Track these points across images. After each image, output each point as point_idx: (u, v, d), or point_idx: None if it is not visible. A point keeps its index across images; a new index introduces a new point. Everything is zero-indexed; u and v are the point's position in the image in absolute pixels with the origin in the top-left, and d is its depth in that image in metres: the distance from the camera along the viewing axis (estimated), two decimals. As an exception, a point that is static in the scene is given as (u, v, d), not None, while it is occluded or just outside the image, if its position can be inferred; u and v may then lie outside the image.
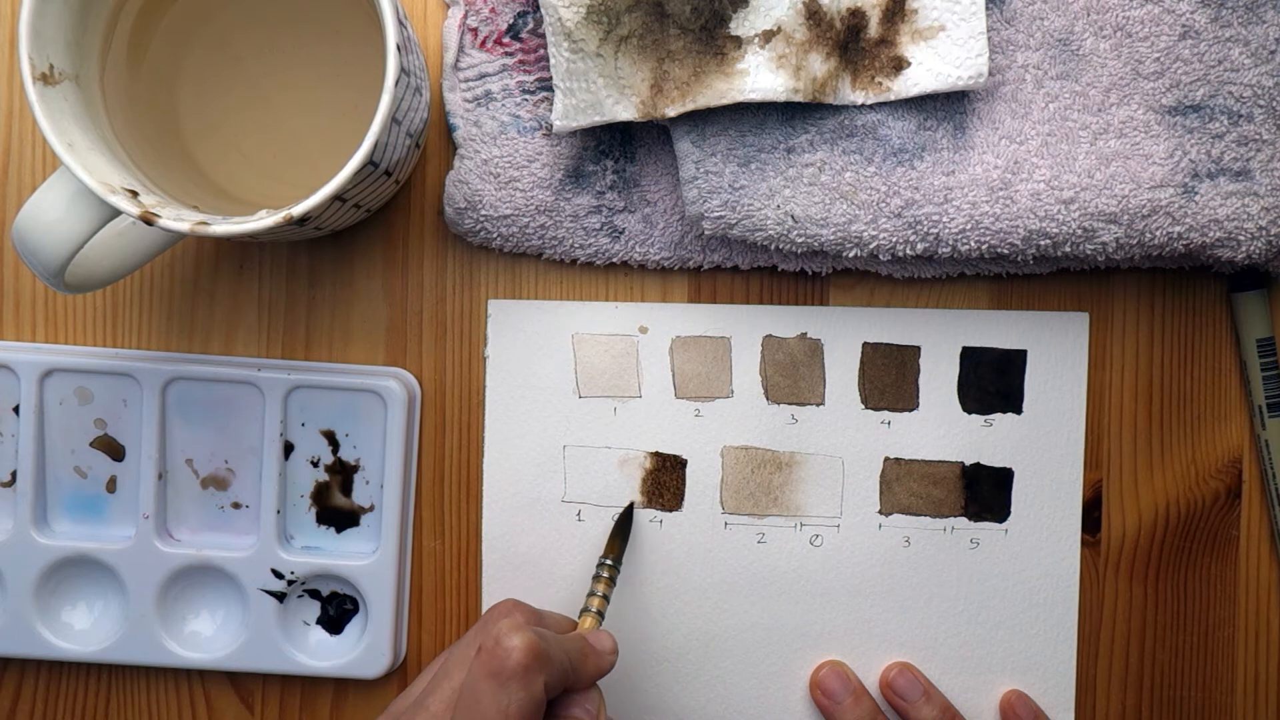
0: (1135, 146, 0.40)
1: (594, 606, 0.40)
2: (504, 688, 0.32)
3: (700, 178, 0.40)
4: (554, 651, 0.34)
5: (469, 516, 0.45)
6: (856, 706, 0.43)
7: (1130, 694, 0.45)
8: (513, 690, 0.32)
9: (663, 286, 0.45)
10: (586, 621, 0.40)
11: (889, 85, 0.40)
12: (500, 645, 0.33)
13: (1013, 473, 0.44)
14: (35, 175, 0.44)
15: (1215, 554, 0.44)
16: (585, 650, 0.37)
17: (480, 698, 0.32)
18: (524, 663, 0.32)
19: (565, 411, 0.44)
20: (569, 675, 0.35)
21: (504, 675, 0.32)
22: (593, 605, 0.40)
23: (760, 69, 0.38)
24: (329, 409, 0.44)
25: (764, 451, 0.44)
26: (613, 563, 0.42)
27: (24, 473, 0.43)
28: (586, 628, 0.39)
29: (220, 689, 0.45)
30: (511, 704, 0.32)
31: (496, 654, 0.33)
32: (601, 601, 0.40)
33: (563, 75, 0.40)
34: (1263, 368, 0.43)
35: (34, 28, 0.34)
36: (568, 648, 0.35)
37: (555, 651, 0.34)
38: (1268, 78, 0.40)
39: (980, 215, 0.40)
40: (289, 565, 0.43)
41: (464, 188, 0.42)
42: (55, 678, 0.45)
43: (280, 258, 0.45)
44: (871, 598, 0.44)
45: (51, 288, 0.38)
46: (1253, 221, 0.40)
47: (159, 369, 0.43)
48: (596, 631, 0.39)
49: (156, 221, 0.34)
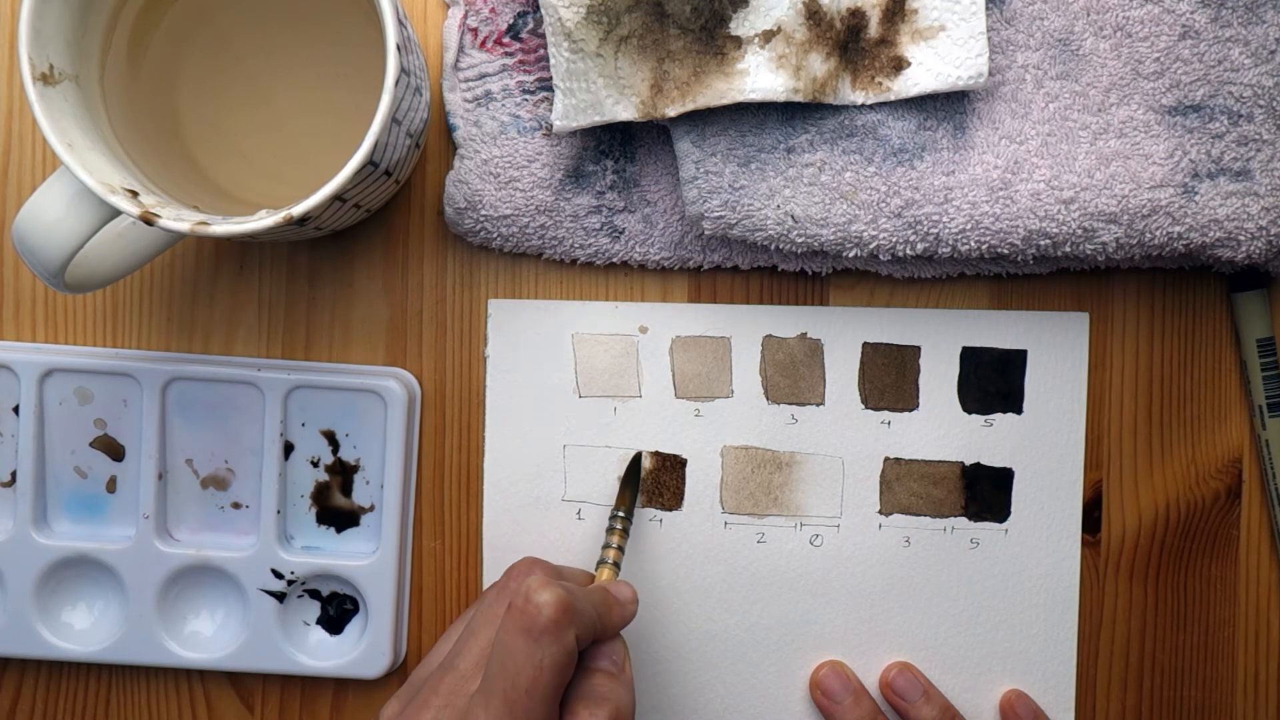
0: (1135, 146, 0.40)
1: (610, 558, 0.40)
2: (537, 643, 0.33)
3: (700, 177, 0.40)
4: (582, 605, 0.35)
5: (469, 516, 0.45)
6: (856, 706, 0.43)
7: (1130, 694, 0.45)
8: (546, 645, 0.33)
9: (663, 286, 0.45)
10: (604, 573, 0.40)
11: (889, 85, 0.40)
12: (531, 601, 0.33)
13: (1013, 473, 0.44)
14: (35, 175, 0.44)
15: (1215, 554, 0.44)
16: (609, 601, 0.37)
17: (514, 653, 0.33)
18: (555, 617, 0.33)
19: (565, 411, 0.44)
20: (596, 627, 0.35)
21: (536, 630, 0.33)
22: (609, 556, 0.40)
23: (760, 69, 0.38)
24: (329, 409, 0.44)
25: (764, 451, 0.44)
26: (625, 514, 0.42)
27: (24, 473, 0.43)
28: (605, 579, 0.40)
29: (220, 689, 0.45)
30: (546, 658, 0.33)
31: (528, 610, 0.33)
32: (617, 553, 0.41)
33: (563, 75, 0.40)
34: (1263, 368, 0.43)
35: (34, 28, 0.34)
36: (593, 600, 0.36)
37: (583, 605, 0.35)
38: (1268, 78, 0.40)
39: (980, 215, 0.40)
40: (289, 565, 0.43)
41: (464, 188, 0.42)
42: (55, 678, 0.45)
43: (280, 258, 0.45)
44: (871, 598, 0.44)
45: (51, 288, 0.38)
46: (1253, 221, 0.40)
47: (159, 369, 0.43)
48: (615, 582, 0.39)
49: (156, 221, 0.34)
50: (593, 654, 0.36)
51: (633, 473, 0.44)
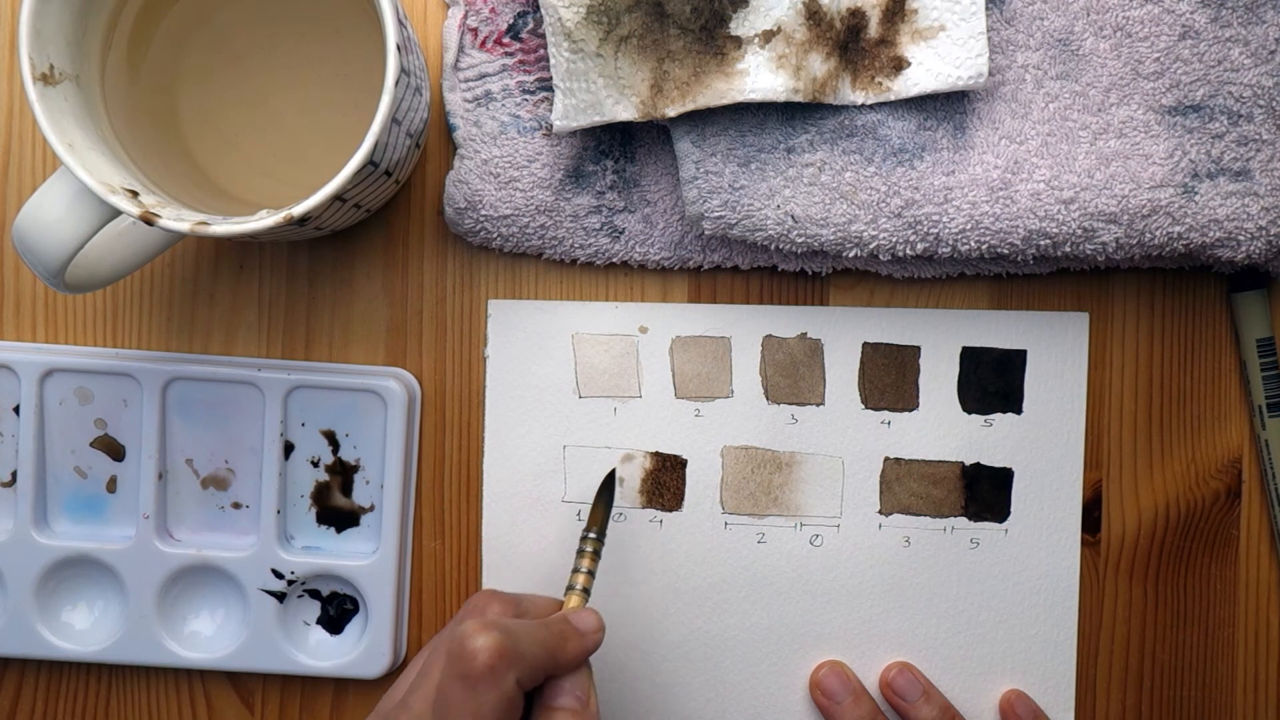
0: (1135, 146, 0.40)
1: (579, 584, 0.39)
2: (474, 690, 0.32)
3: (700, 178, 0.40)
4: (524, 645, 0.34)
5: (469, 516, 0.45)
6: (856, 706, 0.43)
7: (1130, 694, 0.45)
8: (483, 692, 0.32)
9: (663, 286, 0.45)
10: (572, 600, 0.39)
11: (889, 85, 0.40)
12: (465, 647, 0.33)
13: (1013, 473, 0.44)
14: (35, 175, 0.44)
15: (1215, 554, 0.44)
16: (565, 634, 0.36)
17: (451, 700, 0.33)
18: (490, 664, 0.32)
19: (565, 411, 0.44)
20: (547, 664, 0.35)
21: (473, 677, 0.32)
22: (577, 583, 0.39)
23: (760, 69, 0.38)
24: (329, 409, 0.44)
25: (764, 451, 0.44)
26: (596, 535, 0.40)
27: (24, 473, 0.43)
28: (573, 606, 0.39)
29: (220, 689, 0.45)
30: (483, 705, 0.32)
31: (463, 656, 0.33)
32: (587, 578, 0.39)
33: (563, 75, 0.40)
34: (1263, 368, 0.43)
35: (34, 28, 0.34)
36: (542, 636, 0.35)
37: (526, 645, 0.34)
38: (1267, 78, 0.40)
39: (980, 215, 0.40)
40: (289, 565, 0.43)
41: (464, 188, 0.42)
42: (55, 678, 0.45)
43: (280, 258, 0.45)
44: (871, 598, 0.44)
45: (52, 288, 0.38)
46: (1252, 221, 0.40)
47: (159, 369, 0.43)
48: (580, 611, 0.38)
49: (156, 221, 0.34)
50: (553, 691, 0.35)
51: (606, 490, 0.42)
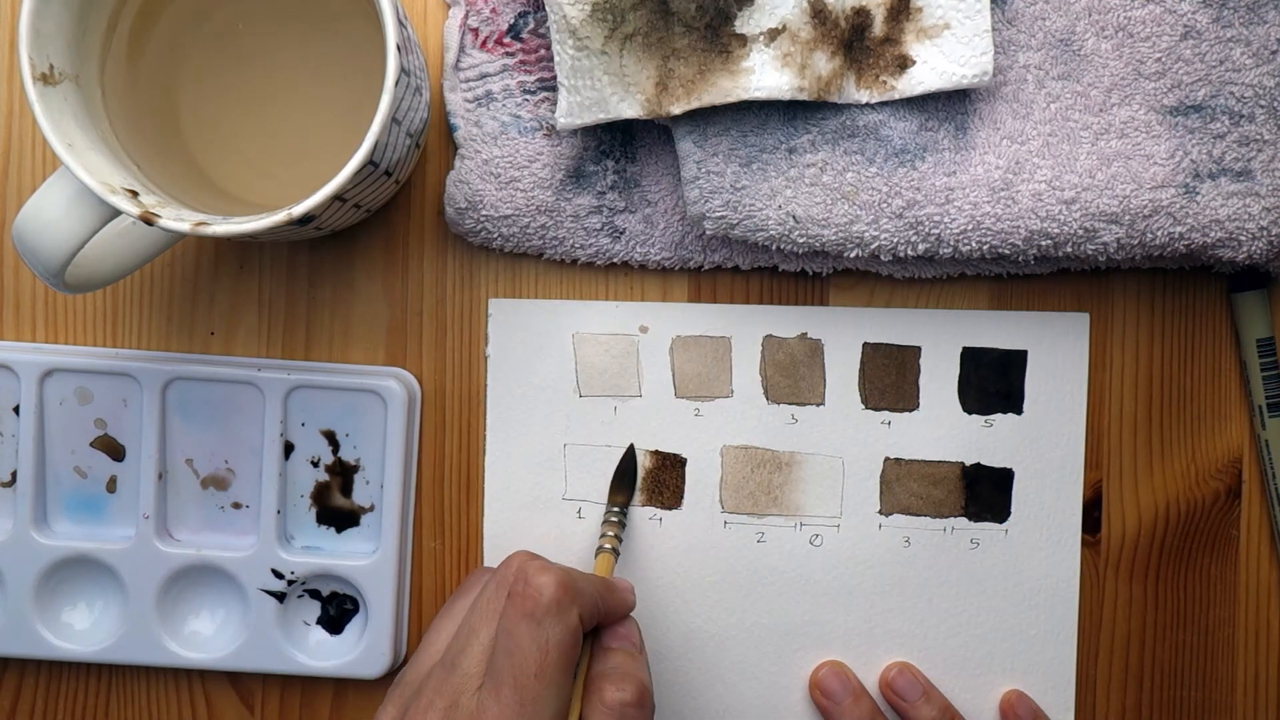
0: (1137, 147, 0.40)
1: (608, 545, 0.41)
2: (540, 625, 0.33)
3: (702, 178, 0.40)
4: (582, 584, 0.35)
5: (469, 516, 0.45)
6: (856, 707, 0.43)
7: (1130, 694, 0.45)
8: (549, 625, 0.33)
9: (663, 286, 0.45)
10: (603, 559, 0.40)
11: (894, 84, 0.40)
12: (530, 584, 0.34)
13: (1013, 473, 0.44)
14: (35, 175, 0.44)
15: (1215, 554, 0.45)
16: (609, 585, 0.37)
17: (519, 639, 0.33)
18: (556, 597, 0.33)
19: (566, 411, 0.44)
20: (599, 608, 0.36)
21: (539, 612, 0.33)
22: (607, 544, 0.41)
23: (765, 67, 0.38)
24: (329, 409, 0.44)
25: (764, 451, 0.44)
26: (620, 508, 0.42)
27: (24, 473, 0.43)
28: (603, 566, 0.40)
29: (220, 689, 0.45)
30: (551, 638, 0.33)
31: (528, 594, 0.33)
32: (615, 540, 0.41)
33: (567, 73, 0.40)
34: (1263, 368, 0.43)
35: (34, 28, 0.34)
36: (594, 580, 0.36)
37: (583, 584, 0.35)
38: (1269, 78, 0.40)
39: (982, 216, 0.40)
40: (289, 565, 0.43)
41: (465, 188, 0.42)
42: (55, 678, 0.45)
43: (280, 258, 0.45)
44: (871, 598, 0.44)
45: (51, 288, 0.38)
46: (1254, 221, 0.40)
47: (159, 369, 0.43)
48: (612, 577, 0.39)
49: (156, 221, 0.34)
50: (610, 635, 0.37)
51: (628, 464, 0.44)
